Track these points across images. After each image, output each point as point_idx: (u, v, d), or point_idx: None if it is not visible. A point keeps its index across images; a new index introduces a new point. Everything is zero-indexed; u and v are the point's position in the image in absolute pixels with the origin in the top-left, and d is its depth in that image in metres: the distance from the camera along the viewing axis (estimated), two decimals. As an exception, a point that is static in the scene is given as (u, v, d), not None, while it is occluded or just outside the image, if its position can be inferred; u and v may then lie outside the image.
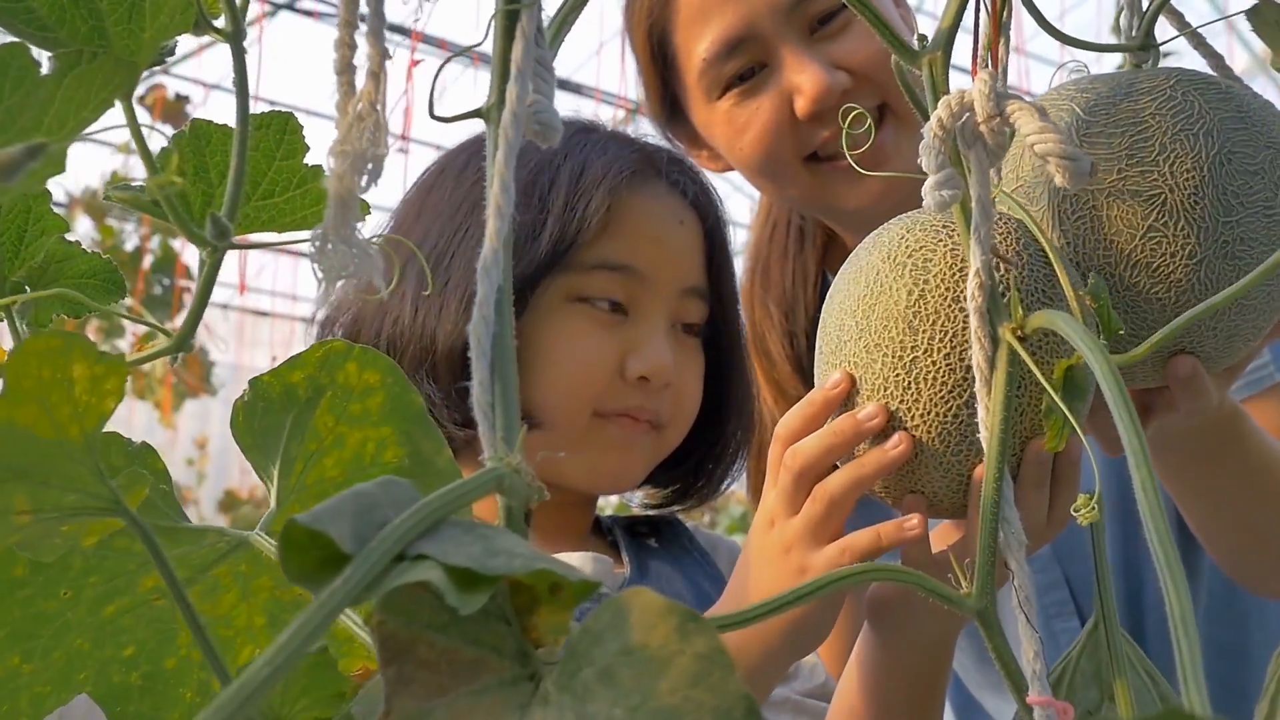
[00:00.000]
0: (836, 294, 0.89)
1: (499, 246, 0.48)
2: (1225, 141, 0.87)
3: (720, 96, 1.43)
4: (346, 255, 0.47)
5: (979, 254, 0.64)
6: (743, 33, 1.39)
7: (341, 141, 0.48)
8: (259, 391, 0.72)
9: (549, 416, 1.24)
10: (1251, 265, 0.87)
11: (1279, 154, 0.88)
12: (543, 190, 1.25)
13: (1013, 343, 0.63)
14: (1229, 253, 0.87)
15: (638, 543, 1.39)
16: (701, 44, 1.42)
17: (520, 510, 0.46)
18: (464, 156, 1.36)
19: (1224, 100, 0.88)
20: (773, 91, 1.40)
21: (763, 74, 1.41)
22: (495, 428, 0.47)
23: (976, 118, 0.64)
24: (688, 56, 1.44)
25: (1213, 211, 0.86)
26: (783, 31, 1.38)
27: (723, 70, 1.41)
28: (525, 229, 1.23)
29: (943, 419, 0.82)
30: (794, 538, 0.93)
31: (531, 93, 0.51)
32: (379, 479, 0.44)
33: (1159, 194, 0.87)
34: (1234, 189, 0.87)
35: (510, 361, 0.48)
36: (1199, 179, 0.86)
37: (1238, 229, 0.87)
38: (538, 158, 1.27)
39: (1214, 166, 0.86)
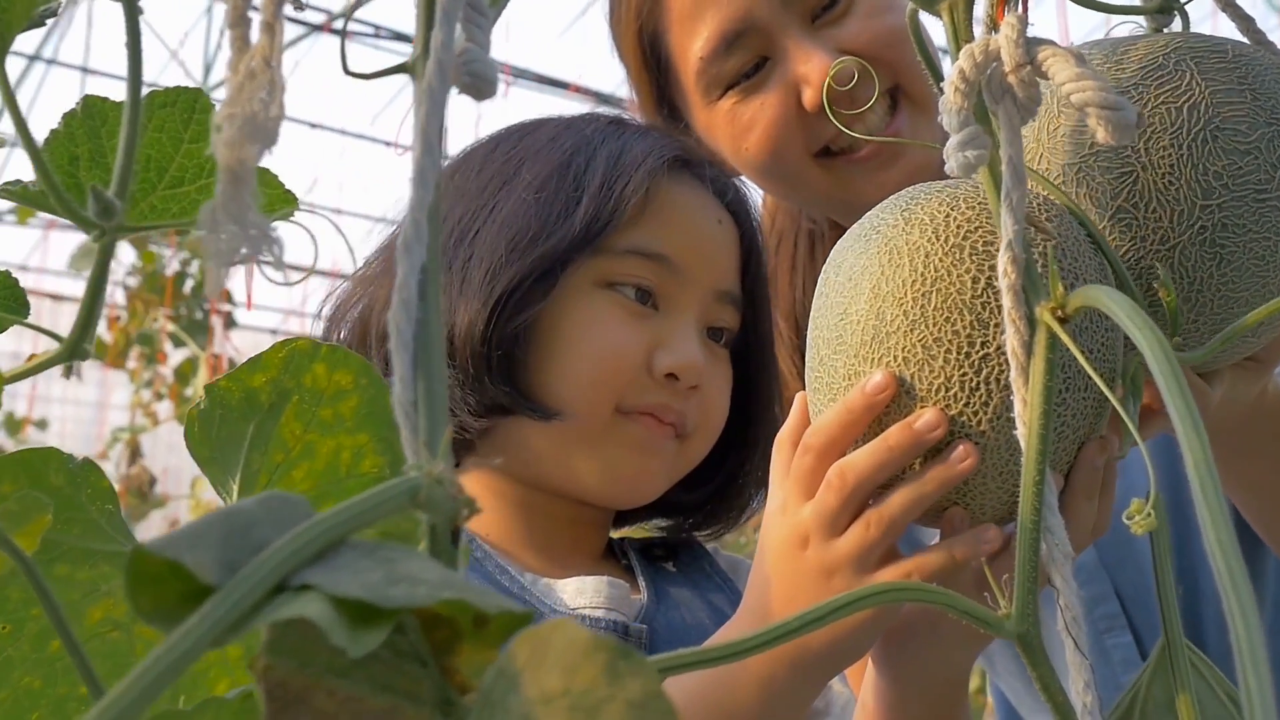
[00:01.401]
0: (857, 274, 0.80)
1: (422, 218, 0.41)
2: (1214, 116, 0.78)
3: (721, 96, 1.34)
4: (239, 236, 0.40)
5: (1011, 223, 0.55)
6: (740, 26, 1.30)
7: (230, 103, 0.41)
8: (216, 398, 0.65)
9: (568, 407, 1.16)
10: (1236, 255, 0.79)
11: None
12: (578, 170, 1.18)
13: (1052, 325, 0.55)
14: (1208, 239, 0.79)
15: (654, 566, 1.30)
16: (697, 41, 1.32)
17: (445, 528, 0.39)
18: (493, 140, 1.29)
19: (1225, 70, 0.79)
20: (777, 86, 1.30)
21: (765, 69, 1.31)
22: (418, 430, 0.40)
23: (1004, 67, 0.56)
24: (683, 56, 1.35)
25: (1189, 193, 0.78)
26: (783, 21, 1.29)
27: (722, 68, 1.32)
28: (559, 206, 1.16)
29: (1014, 425, 0.74)
30: (840, 563, 0.84)
31: (463, 40, 0.44)
32: (264, 494, 0.37)
33: (1130, 171, 0.79)
34: (1217, 169, 0.78)
35: (437, 354, 0.41)
36: (1176, 157, 0.78)
37: (1219, 214, 0.78)
38: (573, 140, 1.21)
39: (1195, 143, 0.78)
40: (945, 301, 0.76)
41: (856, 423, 0.81)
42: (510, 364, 1.13)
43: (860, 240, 0.81)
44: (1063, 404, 0.77)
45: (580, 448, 1.17)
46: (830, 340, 0.82)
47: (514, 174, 1.20)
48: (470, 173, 1.25)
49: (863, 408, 0.79)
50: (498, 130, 1.30)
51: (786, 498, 0.87)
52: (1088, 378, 0.76)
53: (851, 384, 0.80)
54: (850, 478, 0.82)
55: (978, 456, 0.77)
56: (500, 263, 1.13)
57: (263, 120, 0.41)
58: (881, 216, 0.81)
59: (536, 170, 1.19)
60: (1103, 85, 0.53)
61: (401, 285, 0.41)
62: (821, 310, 0.83)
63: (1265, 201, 0.78)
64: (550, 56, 10.65)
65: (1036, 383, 0.55)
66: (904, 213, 0.79)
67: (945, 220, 0.77)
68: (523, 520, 1.22)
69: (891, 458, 0.79)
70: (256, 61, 0.41)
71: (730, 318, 1.27)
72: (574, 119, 1.28)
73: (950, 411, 0.77)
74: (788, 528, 0.87)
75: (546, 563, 1.20)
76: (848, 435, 0.82)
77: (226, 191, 0.40)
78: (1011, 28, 0.56)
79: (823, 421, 0.83)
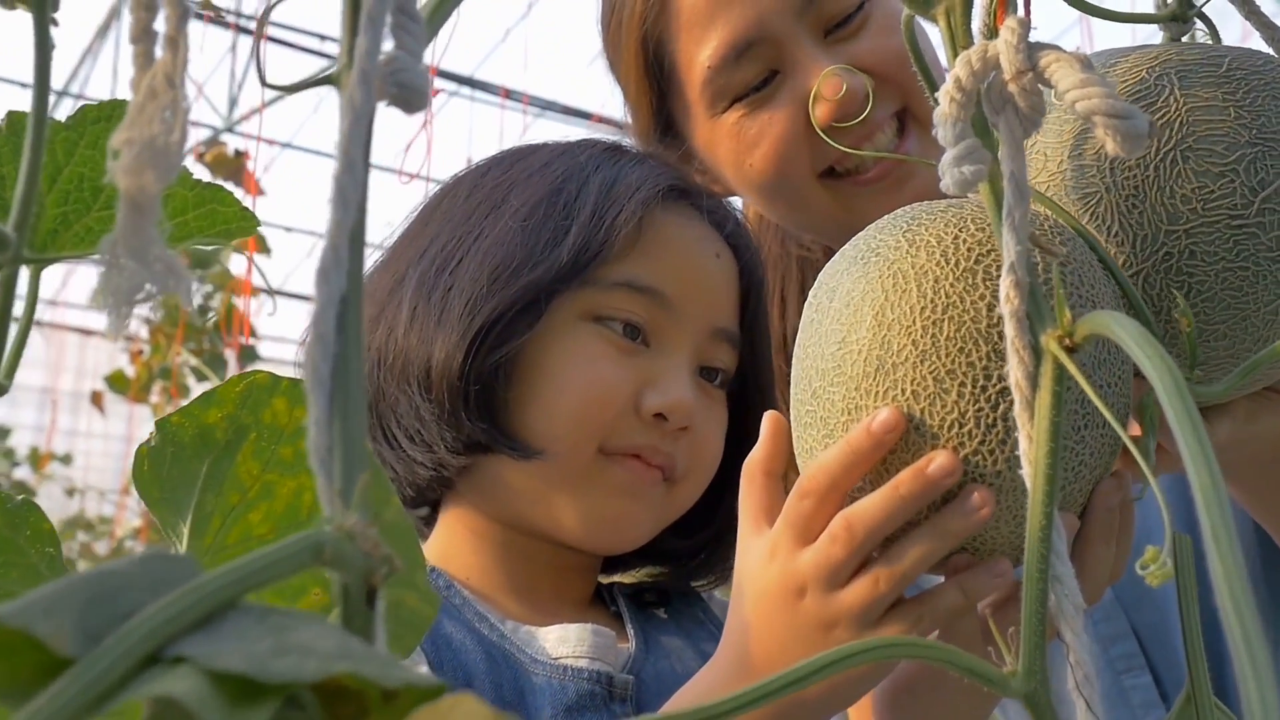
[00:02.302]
0: (857, 299, 0.75)
1: (342, 243, 0.37)
2: (1187, 135, 0.73)
3: (726, 109, 1.28)
4: (141, 272, 0.36)
5: (1013, 244, 0.51)
6: (752, 35, 1.25)
7: (129, 125, 0.37)
8: (167, 435, 0.61)
9: (549, 446, 1.10)
10: (1206, 284, 0.73)
11: (1268, 151, 0.73)
12: (569, 197, 1.13)
13: (1059, 355, 0.50)
14: (1173, 267, 0.74)
15: (645, 613, 1.23)
16: (705, 50, 1.27)
17: (360, 589, 0.34)
18: (485, 165, 1.24)
19: (1212, 85, 0.74)
20: (786, 100, 1.25)
21: (774, 82, 1.26)
22: (332, 478, 0.35)
23: (1004, 75, 0.51)
24: (689, 65, 1.29)
25: (1153, 218, 0.73)
26: (796, 33, 1.24)
27: (730, 78, 1.26)
28: (547, 235, 1.11)
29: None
30: (843, 616, 0.78)
31: (393, 48, 0.40)
32: (144, 553, 0.33)
33: (1094, 193, 0.74)
34: (1185, 193, 0.73)
35: (357, 394, 0.36)
36: (1141, 178, 0.73)
37: (1185, 240, 0.73)
38: (566, 166, 1.16)
39: (1163, 164, 0.73)
40: (959, 330, 0.71)
41: (861, 464, 0.75)
42: (489, 399, 1.08)
43: (858, 263, 0.76)
44: (1081, 442, 0.72)
45: (561, 489, 1.12)
46: (826, 371, 0.76)
47: (502, 200, 1.16)
48: (458, 198, 1.20)
49: (869, 448, 0.74)
50: (493, 155, 1.26)
51: (777, 541, 0.81)
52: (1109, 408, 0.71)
53: (852, 418, 0.75)
54: (859, 530, 0.76)
55: (993, 503, 0.72)
56: (482, 293, 1.08)
57: (163, 145, 0.36)
58: (880, 238, 0.76)
59: (525, 197, 1.14)
60: (1109, 92, 0.48)
61: (318, 318, 0.36)
62: (814, 338, 0.78)
63: (1241, 229, 0.73)
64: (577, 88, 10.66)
65: (1043, 418, 0.50)
66: (906, 234, 0.74)
67: (954, 242, 0.72)
68: (503, 563, 1.16)
69: (903, 507, 0.74)
70: (158, 80, 0.37)
71: (726, 357, 1.21)
72: (569, 145, 1.23)
73: (963, 450, 0.72)
74: (781, 575, 0.81)
75: (529, 609, 1.15)
76: (851, 478, 0.76)
77: (127, 223, 0.36)
78: (1012, 32, 0.51)
79: (823, 463, 0.77)
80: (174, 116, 0.37)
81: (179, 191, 0.54)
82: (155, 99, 0.37)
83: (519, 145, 1.26)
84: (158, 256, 0.37)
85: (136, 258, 0.36)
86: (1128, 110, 0.48)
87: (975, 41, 0.55)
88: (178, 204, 0.55)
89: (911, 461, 0.73)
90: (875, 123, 1.23)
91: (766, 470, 0.85)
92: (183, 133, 0.37)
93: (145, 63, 0.38)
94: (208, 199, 0.55)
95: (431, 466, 1.11)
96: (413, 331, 1.10)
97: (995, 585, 0.76)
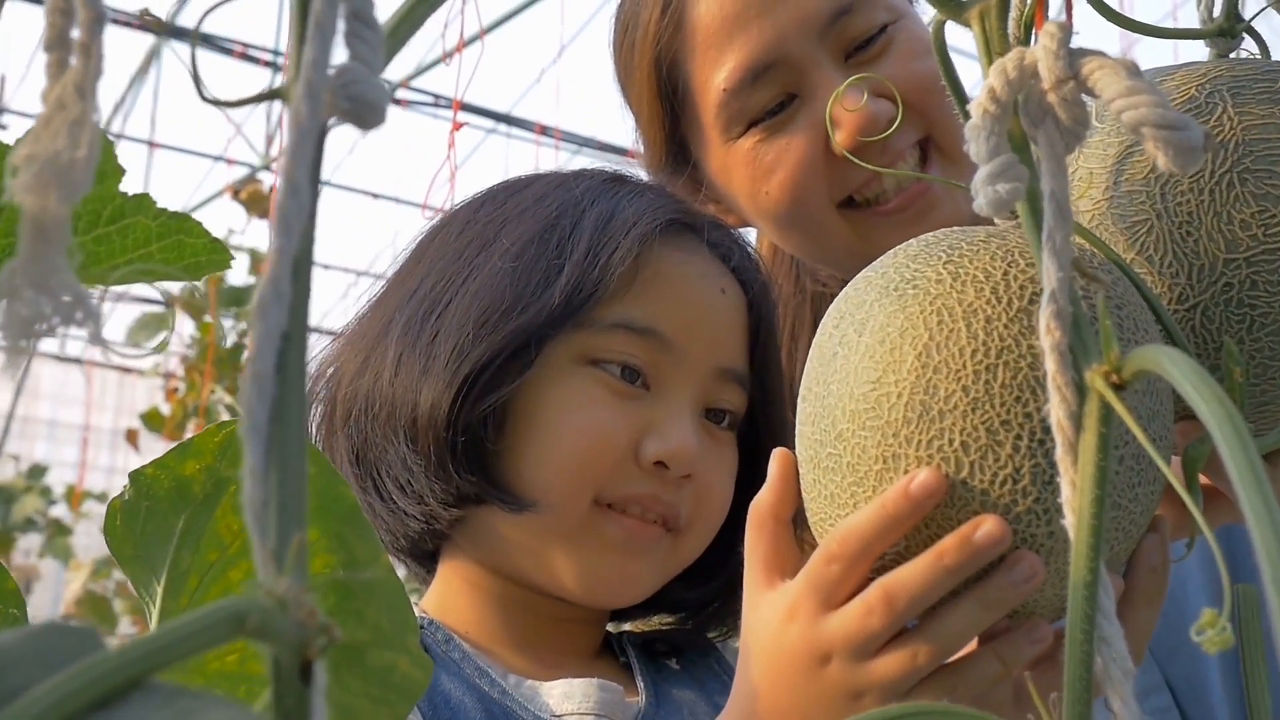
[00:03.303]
0: (894, 336, 0.69)
1: (284, 275, 0.32)
2: (1244, 157, 0.68)
3: (742, 134, 1.23)
4: (42, 303, 0.32)
5: (1054, 270, 0.46)
6: (770, 58, 1.19)
7: (32, 140, 0.32)
8: (142, 488, 0.57)
9: (543, 498, 1.03)
10: (1270, 316, 0.68)
11: None
12: (562, 234, 1.06)
13: (1106, 393, 0.45)
14: (1233, 299, 0.68)
15: (656, 664, 1.16)
16: (721, 72, 1.21)
17: (291, 662, 0.30)
18: (479, 199, 1.17)
19: (1269, 102, 0.69)
20: (804, 126, 1.20)
21: (792, 106, 1.21)
22: (266, 536, 0.31)
23: (1043, 84, 0.47)
24: (704, 87, 1.24)
25: (1210, 245, 0.68)
26: (816, 57, 1.19)
27: (746, 102, 1.21)
28: (538, 275, 1.04)
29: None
30: (874, 686, 0.73)
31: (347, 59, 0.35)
32: (39, 625, 0.28)
33: (1143, 221, 0.69)
34: (1244, 217, 0.68)
35: (298, 442, 0.32)
36: (1195, 203, 0.68)
37: (1246, 269, 0.68)
38: (561, 201, 1.10)
39: (1218, 187, 0.68)
40: (1015, 378, 0.65)
41: (896, 530, 0.69)
42: (478, 450, 1.02)
43: (892, 295, 0.70)
44: (1135, 499, 0.66)
45: (557, 543, 1.05)
46: (857, 412, 0.70)
47: (494, 238, 1.09)
48: (450, 235, 1.14)
49: (906, 513, 0.68)
50: (490, 186, 1.20)
51: (797, 603, 0.75)
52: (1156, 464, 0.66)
53: (887, 467, 0.69)
54: (900, 603, 0.70)
55: (1043, 570, 0.66)
56: (468, 339, 1.02)
57: (67, 162, 0.32)
58: (915, 268, 0.70)
59: (517, 234, 1.08)
60: (1160, 101, 0.44)
61: (254, 356, 0.32)
62: (839, 374, 0.72)
63: None
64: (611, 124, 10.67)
65: (1087, 462, 0.45)
66: (948, 265, 0.68)
67: (1004, 278, 0.66)
68: (504, 617, 1.10)
69: (947, 578, 0.68)
70: (67, 91, 0.33)
71: (734, 397, 1.13)
72: (566, 176, 1.17)
73: (1015, 509, 0.66)
74: (803, 639, 0.74)
75: (533, 662, 1.08)
76: (884, 544, 0.71)
77: (29, 249, 0.32)
78: (1052, 37, 0.46)
79: (854, 527, 0.71)
80: (82, 131, 0.33)
81: (141, 221, 0.50)
82: (63, 111, 0.33)
83: (517, 176, 1.20)
84: (63, 285, 0.32)
85: (38, 287, 0.32)
86: (1180, 120, 0.44)
87: (1011, 48, 0.50)
88: (140, 235, 0.50)
89: (957, 519, 0.68)
90: (897, 151, 1.18)
91: (775, 516, 0.79)
92: (92, 149, 0.33)
93: (59, 73, 0.34)
94: (173, 229, 0.51)
95: (422, 519, 1.05)
96: (399, 379, 1.04)
97: (1033, 653, 0.71)
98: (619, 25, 1.34)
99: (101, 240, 0.49)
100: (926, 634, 0.71)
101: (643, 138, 1.35)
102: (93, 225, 0.49)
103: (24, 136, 0.33)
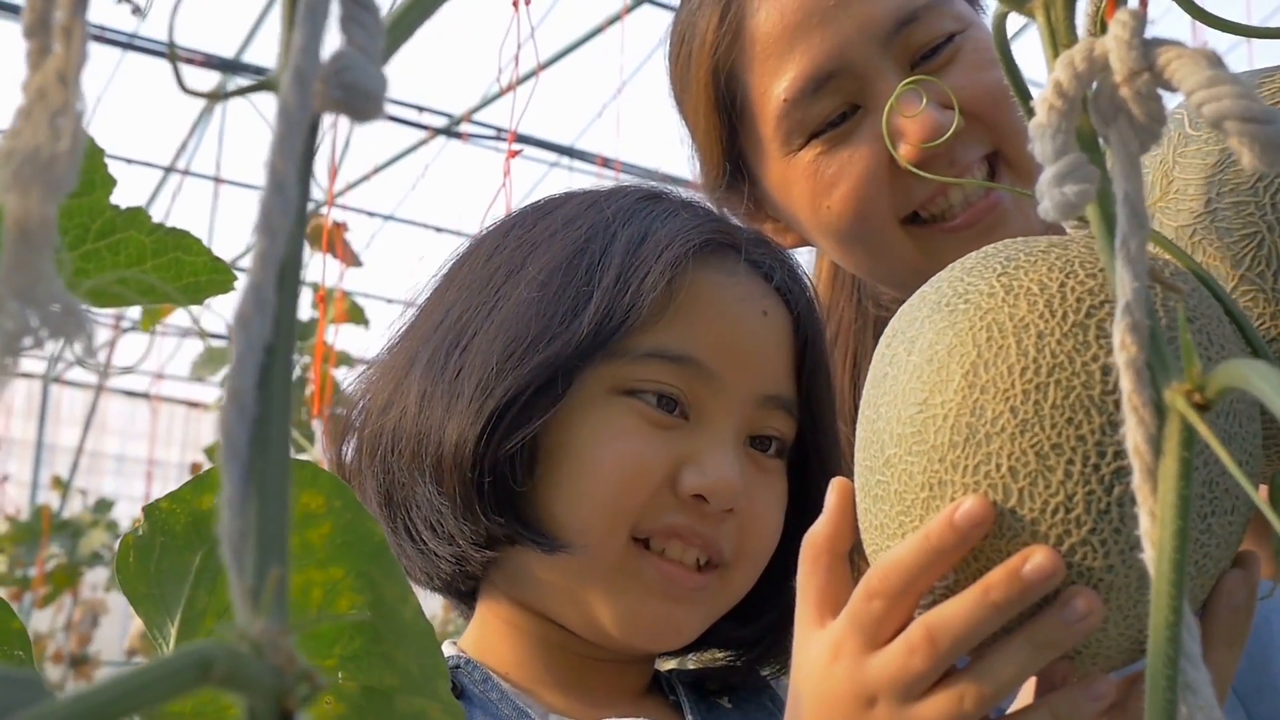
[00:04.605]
0: (942, 354, 0.65)
1: (268, 281, 0.29)
2: None
3: (803, 146, 1.18)
4: (26, 316, 0.29)
5: (1129, 280, 0.42)
6: (833, 67, 1.15)
7: (11, 135, 0.29)
8: (157, 523, 0.54)
9: (577, 538, 0.98)
10: None
11: None
12: (592, 260, 1.01)
13: (1188, 414, 0.41)
14: None
15: (707, 702, 1.10)
16: (782, 82, 1.17)
17: (269, 712, 0.26)
18: (509, 222, 1.12)
19: None
20: (868, 137, 1.15)
21: (855, 117, 1.17)
22: (244, 572, 0.27)
23: (1115, 77, 0.43)
24: (763, 98, 1.20)
25: None
26: (880, 66, 1.15)
27: (808, 113, 1.17)
28: (566, 304, 0.99)
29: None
30: None
31: (344, 45, 0.32)
32: (-25, 670, 0.25)
33: (1254, 232, 0.65)
34: None
35: (281, 468, 0.29)
36: None
37: None
38: (591, 223, 1.05)
39: None
40: (1067, 398, 0.61)
41: (941, 563, 0.66)
42: (506, 490, 0.97)
43: (942, 310, 0.66)
44: (1208, 530, 0.62)
45: (594, 586, 1.00)
46: (904, 436, 0.66)
47: (521, 264, 1.04)
48: (478, 262, 1.09)
49: (951, 545, 0.64)
50: (521, 208, 1.15)
51: (841, 642, 0.71)
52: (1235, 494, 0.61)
53: (933, 495, 0.65)
54: (944, 642, 0.66)
55: (1101, 608, 0.62)
56: (492, 375, 0.97)
57: (48, 156, 0.29)
58: (969, 281, 0.66)
59: (545, 261, 1.03)
60: (1244, 92, 0.40)
61: (235, 373, 0.29)
62: (888, 396, 0.68)
63: None
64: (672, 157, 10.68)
65: (1169, 490, 0.41)
66: (1001, 277, 0.65)
67: (1060, 290, 0.63)
68: (545, 657, 1.05)
69: (995, 615, 0.65)
70: (48, 78, 0.30)
71: (781, 424, 1.07)
72: (598, 196, 1.11)
73: (1068, 540, 0.62)
74: (848, 681, 0.71)
75: (576, 703, 1.03)
76: (928, 579, 0.67)
77: (11, 254, 0.29)
78: (1124, 26, 0.43)
79: (897, 561, 0.67)
80: (66, 121, 0.30)
81: (134, 236, 0.47)
82: (44, 101, 0.30)
83: (549, 196, 1.15)
84: (50, 295, 0.29)
85: (23, 297, 0.29)
86: (1268, 113, 0.40)
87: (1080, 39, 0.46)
88: (134, 252, 0.47)
89: (1006, 550, 0.64)
90: (964, 165, 1.14)
91: (831, 550, 0.75)
92: (76, 141, 0.30)
93: (40, 61, 0.31)
94: (170, 246, 0.47)
95: (453, 560, 1.00)
96: (423, 416, 0.99)
97: (1094, 709, 0.66)
98: (675, 37, 1.30)
99: (90, 257, 0.46)
100: (974, 675, 0.67)
101: (699, 153, 1.31)
102: (80, 240, 0.46)
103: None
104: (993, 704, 0.68)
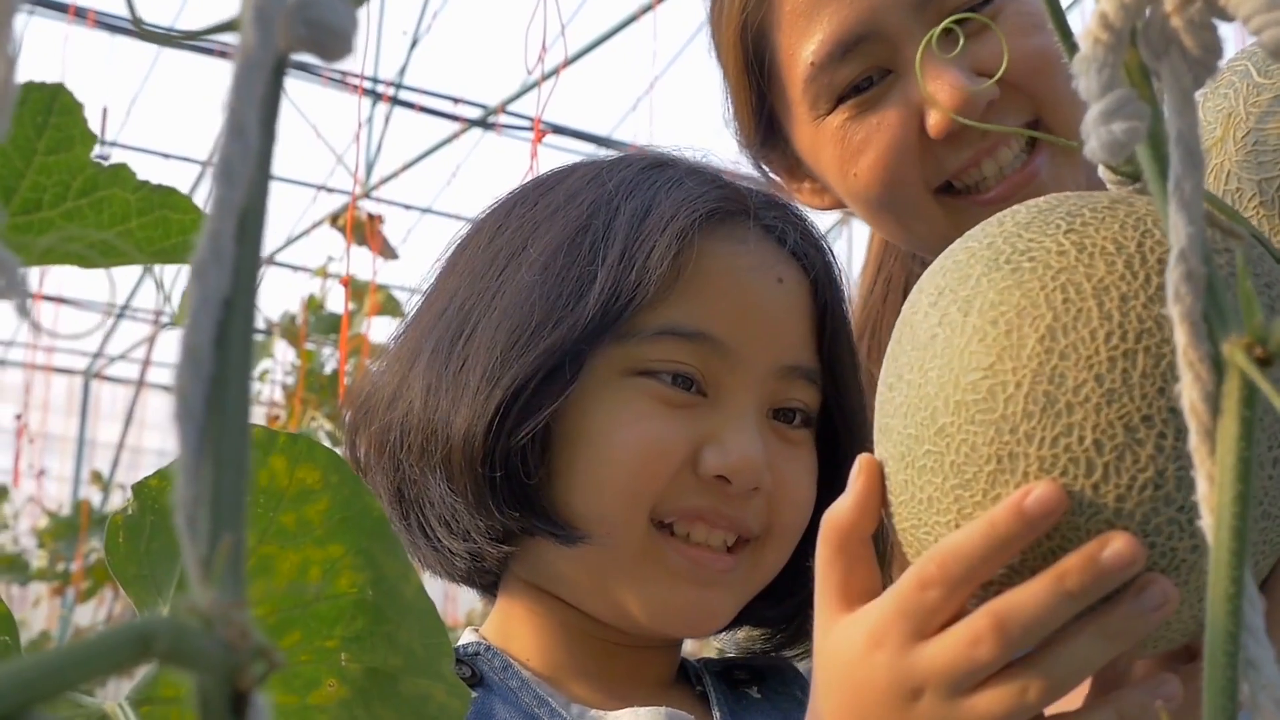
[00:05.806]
0: (1010, 316, 0.60)
1: (226, 230, 0.26)
2: None
3: (831, 110, 1.14)
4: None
5: (1184, 225, 0.39)
6: (863, 30, 1.11)
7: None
8: (147, 501, 0.52)
9: (595, 527, 0.94)
10: None
11: None
12: (595, 236, 0.96)
13: (1248, 369, 0.38)
14: None
15: (735, 692, 1.06)
16: (809, 45, 1.13)
17: (219, 691, 0.23)
18: (511, 200, 1.08)
19: None
20: (897, 104, 1.11)
21: (885, 82, 1.12)
22: (195, 542, 0.25)
23: (1165, 6, 0.39)
24: (791, 60, 1.16)
25: None
26: (912, 29, 1.10)
27: (835, 77, 1.13)
28: (570, 286, 0.95)
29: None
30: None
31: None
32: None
33: None
34: None
35: (239, 430, 0.26)
36: None
37: None
38: (594, 198, 1.00)
39: None
40: (1157, 366, 0.57)
41: (1005, 552, 0.61)
42: (519, 483, 0.93)
43: (1004, 269, 0.62)
44: (1266, 495, 0.58)
45: (619, 577, 0.96)
46: (965, 403, 0.61)
47: (523, 246, 1.00)
48: (481, 244, 1.04)
49: (1018, 534, 0.60)
50: (523, 184, 1.10)
51: (885, 631, 0.66)
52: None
53: (1000, 468, 0.60)
54: (1015, 633, 0.62)
55: (1176, 595, 0.58)
56: (498, 364, 0.93)
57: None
58: (1031, 238, 0.62)
59: (547, 240, 0.98)
60: (1311, 16, 0.36)
61: (190, 329, 0.26)
62: (937, 360, 0.63)
63: None
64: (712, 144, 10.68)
65: (1228, 452, 0.38)
66: (1070, 235, 0.60)
67: (1138, 250, 0.58)
68: (568, 645, 1.02)
69: (1069, 605, 0.60)
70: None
71: (805, 394, 1.02)
72: (601, 167, 1.06)
73: (1156, 518, 0.58)
74: (891, 671, 0.66)
75: (599, 691, 1.00)
76: (991, 569, 0.63)
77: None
78: (1174, -50, 0.39)
79: (957, 548, 0.62)
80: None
81: (117, 194, 0.44)
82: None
83: (552, 169, 1.10)
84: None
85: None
86: (1335, 39, 0.36)
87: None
88: (116, 209, 0.44)
89: (1085, 528, 0.59)
90: (997, 136, 1.10)
91: (856, 533, 0.70)
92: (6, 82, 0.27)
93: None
94: (156, 203, 0.44)
95: (470, 557, 0.97)
96: (429, 411, 0.96)
97: (1158, 711, 0.63)
98: None
99: (72, 215, 0.44)
100: (1039, 667, 0.63)
101: (733, 111, 1.27)
102: (60, 198, 0.43)
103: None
104: (1057, 697, 0.63)
